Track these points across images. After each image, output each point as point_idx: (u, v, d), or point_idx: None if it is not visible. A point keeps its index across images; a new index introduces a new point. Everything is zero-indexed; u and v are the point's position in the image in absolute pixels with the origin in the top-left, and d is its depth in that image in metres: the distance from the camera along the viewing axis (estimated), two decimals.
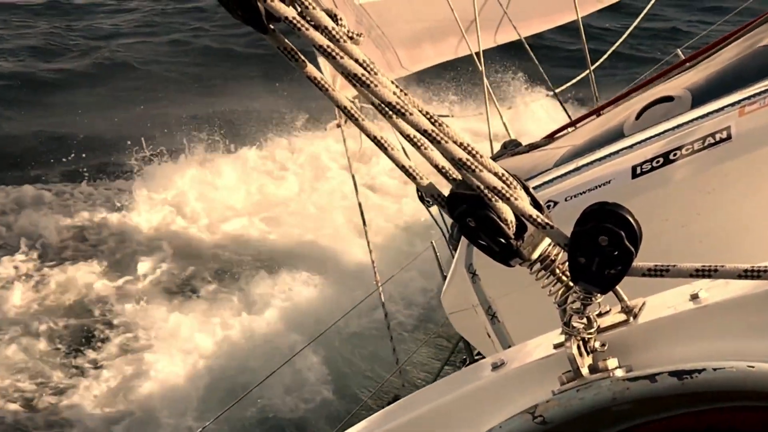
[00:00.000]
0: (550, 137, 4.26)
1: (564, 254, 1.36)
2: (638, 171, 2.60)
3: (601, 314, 1.43)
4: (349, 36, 1.26)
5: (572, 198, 2.69)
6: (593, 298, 1.37)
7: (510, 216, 1.34)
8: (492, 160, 1.35)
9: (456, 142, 1.31)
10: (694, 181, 2.46)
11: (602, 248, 1.27)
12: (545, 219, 1.34)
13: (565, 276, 1.40)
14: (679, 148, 2.57)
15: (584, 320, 1.39)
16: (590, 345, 1.39)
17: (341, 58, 1.24)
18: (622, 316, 1.42)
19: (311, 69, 1.32)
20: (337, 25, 1.25)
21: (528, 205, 1.34)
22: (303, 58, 1.31)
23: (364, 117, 1.36)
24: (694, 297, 1.37)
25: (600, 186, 2.66)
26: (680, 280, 1.35)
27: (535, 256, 1.39)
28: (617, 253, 1.27)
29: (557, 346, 1.42)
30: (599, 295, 1.37)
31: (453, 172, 1.35)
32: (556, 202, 2.71)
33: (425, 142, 1.32)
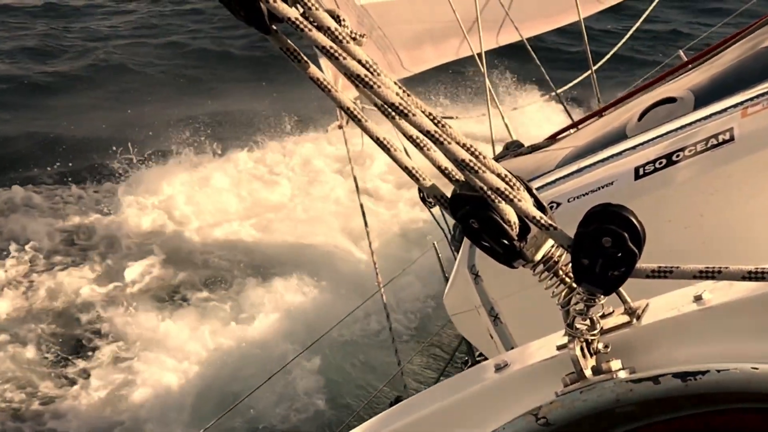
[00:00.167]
0: (552, 138, 4.26)
1: (567, 255, 1.35)
2: (641, 172, 2.59)
3: (605, 316, 1.43)
4: (352, 37, 1.25)
5: (575, 199, 2.69)
6: (596, 300, 1.37)
7: (513, 217, 1.34)
8: (495, 162, 1.35)
9: (459, 143, 1.31)
10: (697, 183, 2.45)
11: (605, 249, 1.27)
12: (548, 220, 1.33)
13: (569, 277, 1.39)
14: (682, 150, 2.56)
15: (587, 322, 1.38)
16: (593, 346, 1.38)
17: (344, 59, 1.24)
18: (626, 318, 1.41)
19: (314, 70, 1.31)
20: (340, 26, 1.25)
21: (531, 207, 1.33)
22: (306, 59, 1.30)
23: (367, 118, 1.36)
24: (698, 298, 1.37)
25: (603, 187, 2.66)
26: (683, 282, 1.35)
27: (539, 258, 1.38)
28: (620, 255, 1.26)
29: (560, 348, 1.42)
30: (602, 297, 1.36)
31: (456, 173, 1.35)
32: (559, 204, 2.71)
33: (428, 143, 1.31)
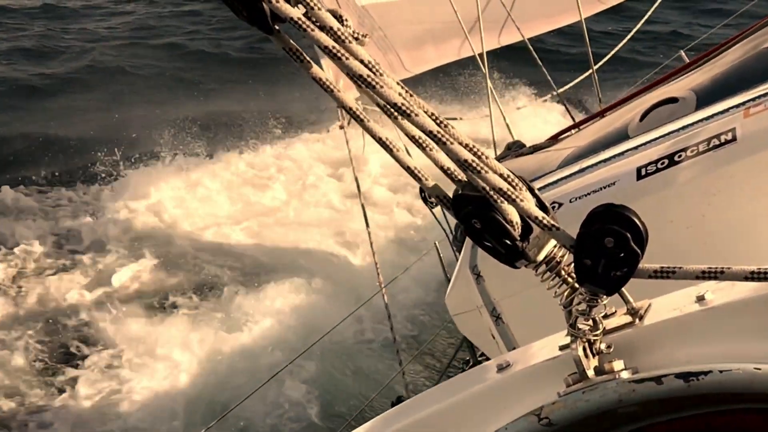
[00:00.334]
0: (554, 139, 4.26)
1: (569, 256, 1.35)
2: (643, 172, 2.59)
3: (607, 316, 1.43)
4: (354, 37, 1.25)
5: (577, 199, 2.69)
6: (599, 300, 1.37)
7: (515, 217, 1.34)
8: (497, 162, 1.35)
9: (461, 144, 1.31)
10: (700, 183, 2.45)
11: (608, 250, 1.27)
12: (551, 220, 1.33)
13: (571, 278, 1.39)
14: (684, 150, 2.56)
15: (590, 322, 1.38)
16: (596, 347, 1.38)
17: (346, 59, 1.24)
18: (628, 318, 1.41)
19: (316, 70, 1.31)
20: (343, 26, 1.25)
21: (534, 207, 1.33)
22: (308, 59, 1.30)
23: (369, 118, 1.36)
24: (700, 299, 1.37)
25: (605, 187, 2.66)
26: (686, 282, 1.35)
27: (541, 258, 1.38)
28: (623, 255, 1.26)
29: (563, 348, 1.42)
30: (605, 297, 1.36)
31: (458, 174, 1.35)
32: (561, 204, 2.71)
33: (430, 144, 1.31)
